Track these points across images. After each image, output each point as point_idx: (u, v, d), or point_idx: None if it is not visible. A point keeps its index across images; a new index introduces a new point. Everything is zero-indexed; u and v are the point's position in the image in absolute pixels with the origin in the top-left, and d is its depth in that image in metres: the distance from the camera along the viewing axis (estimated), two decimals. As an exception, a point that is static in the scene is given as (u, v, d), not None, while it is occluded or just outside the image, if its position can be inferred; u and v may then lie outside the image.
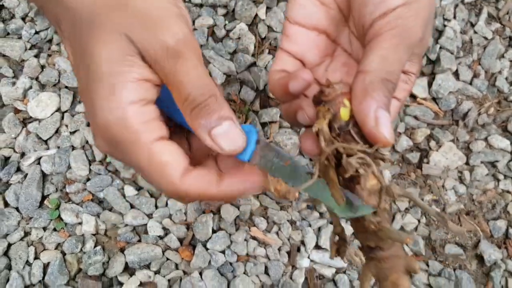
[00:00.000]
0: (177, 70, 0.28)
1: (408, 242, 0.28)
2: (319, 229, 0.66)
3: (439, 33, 0.74)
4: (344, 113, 0.31)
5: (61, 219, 0.63)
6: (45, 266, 0.62)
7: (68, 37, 0.30)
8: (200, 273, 0.63)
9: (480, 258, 0.68)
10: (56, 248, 0.63)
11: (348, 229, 0.60)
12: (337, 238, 0.35)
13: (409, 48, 0.32)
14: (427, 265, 0.67)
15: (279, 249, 0.65)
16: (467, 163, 0.71)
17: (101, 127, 0.28)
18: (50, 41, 0.69)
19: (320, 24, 0.37)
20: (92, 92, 0.28)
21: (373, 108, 0.30)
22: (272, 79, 0.37)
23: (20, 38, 0.68)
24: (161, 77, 0.29)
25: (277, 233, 0.66)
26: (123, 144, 0.28)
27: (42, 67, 0.68)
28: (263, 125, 0.68)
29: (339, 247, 0.34)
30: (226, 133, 0.29)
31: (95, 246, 0.63)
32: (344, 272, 0.66)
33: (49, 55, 0.68)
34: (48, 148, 0.65)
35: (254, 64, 0.70)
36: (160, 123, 0.29)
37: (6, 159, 0.65)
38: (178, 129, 0.34)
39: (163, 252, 0.63)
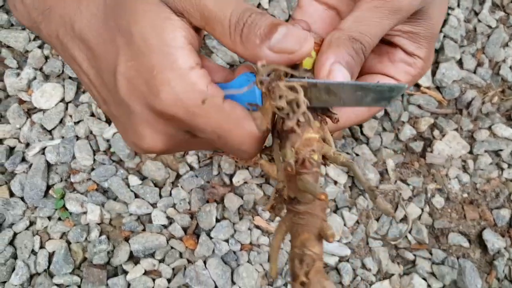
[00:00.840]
0: (213, 4, 0.27)
1: (321, 198, 0.25)
2: (323, 218, 0.67)
3: (443, 21, 0.74)
4: (307, 62, 0.31)
5: (66, 209, 0.64)
6: (50, 255, 0.63)
7: (84, 16, 0.29)
8: (204, 262, 0.64)
9: (483, 247, 0.68)
10: (61, 237, 0.64)
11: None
12: (276, 195, 0.33)
13: (394, 13, 0.31)
14: (431, 253, 0.67)
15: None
16: (470, 152, 0.71)
17: (166, 97, 0.27)
18: (53, 32, 0.70)
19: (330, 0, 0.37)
20: (148, 69, 0.27)
21: (330, 61, 0.30)
22: None
23: (24, 29, 0.69)
24: (195, 23, 0.28)
25: (280, 222, 0.66)
26: (192, 109, 0.27)
27: (46, 58, 0.68)
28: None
29: (276, 204, 0.33)
30: (286, 36, 0.27)
31: (100, 235, 0.64)
32: (347, 261, 0.66)
33: (53, 46, 0.69)
34: (52, 138, 0.66)
35: (257, 53, 0.69)
36: (213, 83, 0.29)
37: (11, 149, 0.66)
38: None
39: (168, 241, 0.64)
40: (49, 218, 0.64)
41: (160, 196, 0.65)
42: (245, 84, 0.28)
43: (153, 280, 0.63)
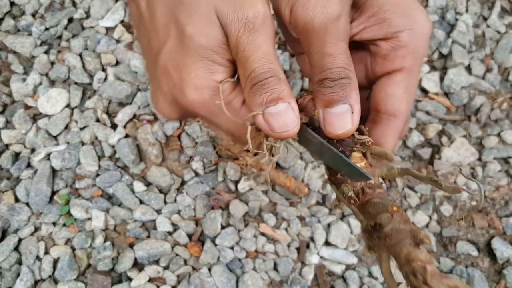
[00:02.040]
0: (248, 45, 0.30)
1: (394, 210, 0.29)
2: (329, 225, 0.66)
3: (451, 27, 0.73)
4: None
5: (71, 215, 0.64)
6: (55, 261, 0.63)
7: None
8: (209, 269, 0.63)
9: (492, 256, 0.67)
10: (66, 243, 0.64)
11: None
12: (366, 235, 0.34)
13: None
14: (439, 262, 0.66)
15: (288, 246, 0.65)
16: (479, 159, 0.70)
17: (191, 96, 0.31)
18: (59, 37, 0.70)
19: None
20: (189, 64, 0.31)
21: (321, 113, 0.32)
22: None
23: (30, 34, 0.69)
24: (234, 53, 0.31)
25: (286, 229, 0.65)
26: (211, 109, 0.32)
27: (52, 63, 0.68)
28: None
29: (371, 244, 0.34)
30: (279, 114, 0.29)
31: (104, 242, 0.63)
32: (354, 269, 0.65)
33: (59, 52, 0.69)
34: (58, 144, 0.66)
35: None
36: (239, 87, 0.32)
37: (17, 154, 0.66)
38: None
39: (172, 247, 0.63)
40: (54, 224, 0.64)
41: (165, 203, 0.65)
42: None
43: (158, 287, 0.62)
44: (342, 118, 0.31)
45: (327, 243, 0.66)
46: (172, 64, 0.31)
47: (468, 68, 0.72)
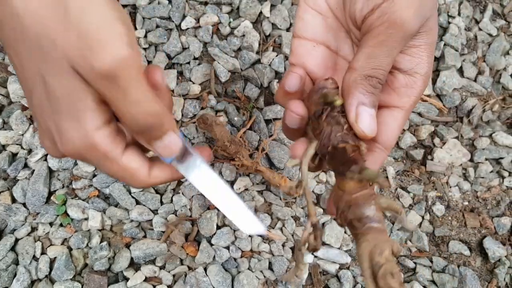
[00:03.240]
0: (113, 97, 0.28)
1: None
2: (323, 225, 0.67)
3: (443, 30, 0.74)
4: (338, 102, 0.34)
5: (68, 215, 0.64)
6: (52, 261, 0.63)
7: (13, 46, 0.30)
8: (205, 269, 0.64)
9: (484, 255, 0.68)
10: (62, 244, 0.64)
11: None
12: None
13: (400, 41, 0.33)
14: (431, 261, 0.67)
15: (283, 245, 0.66)
16: (471, 160, 0.71)
17: (69, 150, 0.30)
18: (56, 39, 0.70)
19: (317, 35, 0.39)
20: (58, 119, 0.29)
21: (354, 105, 0.33)
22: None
23: (27, 36, 0.69)
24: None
25: (281, 229, 0.66)
26: (93, 161, 0.31)
27: (49, 64, 0.68)
28: (267, 122, 0.68)
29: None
30: (169, 143, 0.32)
31: (101, 242, 0.64)
32: (348, 268, 0.66)
33: (56, 53, 0.69)
34: (54, 145, 0.66)
35: (258, 61, 0.70)
36: (121, 134, 0.32)
37: (14, 155, 0.66)
38: None
39: (168, 247, 0.64)
40: (51, 224, 0.64)
41: (161, 203, 0.66)
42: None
43: (154, 286, 0.63)
44: (373, 121, 0.33)
45: (321, 243, 0.66)
46: (42, 111, 0.30)
47: (460, 71, 0.73)
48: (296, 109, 0.36)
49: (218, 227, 0.65)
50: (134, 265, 0.64)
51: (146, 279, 0.63)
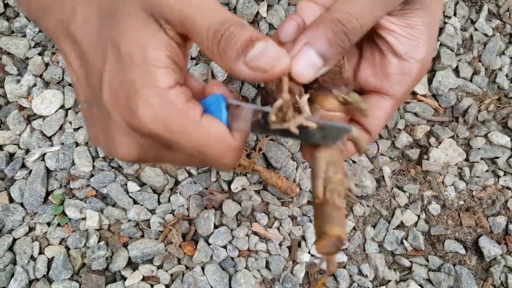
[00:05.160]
0: (190, 9, 0.26)
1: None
2: (320, 224, 0.67)
3: (439, 30, 0.75)
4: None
5: (65, 215, 0.64)
6: (50, 261, 0.63)
7: (81, 19, 0.30)
8: (202, 268, 0.64)
9: (480, 254, 0.69)
10: (60, 243, 0.64)
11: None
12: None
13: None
14: (427, 260, 0.68)
15: (280, 244, 0.66)
16: (467, 160, 0.71)
17: (147, 120, 0.27)
18: (53, 39, 0.70)
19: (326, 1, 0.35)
20: (129, 80, 0.27)
21: (302, 42, 0.29)
22: None
23: (24, 36, 0.69)
24: (178, 30, 0.28)
25: (278, 229, 0.66)
26: (172, 126, 0.27)
27: (46, 64, 0.69)
28: (264, 121, 0.69)
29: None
30: (263, 53, 0.26)
31: (98, 241, 0.64)
32: (344, 267, 0.67)
33: (53, 53, 0.69)
34: (52, 145, 0.66)
35: (255, 61, 0.70)
36: (194, 99, 0.29)
37: (11, 155, 0.66)
38: None
39: (166, 247, 0.64)
40: (49, 224, 0.65)
41: (159, 203, 0.66)
42: (215, 105, 0.30)
43: (151, 286, 0.63)
44: (309, 69, 0.30)
45: (318, 242, 0.67)
46: (116, 83, 0.28)
47: (456, 71, 0.74)
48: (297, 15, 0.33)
49: (216, 227, 0.65)
50: (131, 264, 0.64)
51: (144, 279, 0.63)
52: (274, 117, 0.28)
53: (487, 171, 0.71)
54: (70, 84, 0.68)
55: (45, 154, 0.66)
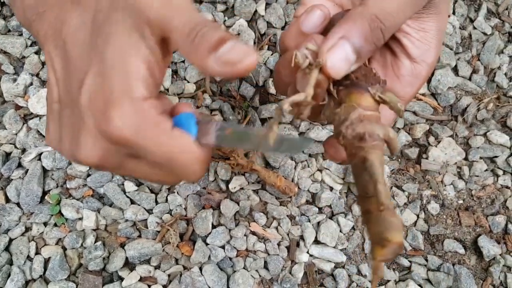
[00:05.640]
0: (170, 11, 0.28)
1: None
2: (318, 224, 0.67)
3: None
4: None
5: (62, 215, 0.64)
6: (46, 261, 0.63)
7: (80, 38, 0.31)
8: (200, 268, 0.64)
9: (479, 253, 0.68)
10: (56, 243, 0.64)
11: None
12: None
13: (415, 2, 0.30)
14: (426, 260, 0.67)
15: (279, 244, 0.66)
16: (466, 159, 0.71)
17: (120, 125, 0.27)
18: (50, 38, 0.70)
19: None
20: (109, 91, 0.28)
21: (338, 35, 0.29)
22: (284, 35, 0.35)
23: (21, 35, 0.69)
24: (160, 32, 0.29)
25: (276, 228, 0.66)
26: (142, 133, 0.28)
27: (43, 63, 0.68)
28: (263, 120, 0.68)
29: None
30: (233, 49, 0.27)
31: (95, 241, 0.64)
32: (343, 267, 0.66)
33: (50, 52, 0.69)
34: (48, 144, 0.66)
35: (253, 60, 0.70)
36: (166, 114, 0.30)
37: (7, 155, 0.66)
38: None
39: (163, 247, 0.64)
40: (45, 224, 0.64)
41: (156, 202, 0.65)
42: (185, 121, 0.31)
43: (149, 286, 0.63)
44: (343, 63, 0.30)
45: (316, 242, 0.67)
46: (96, 88, 0.28)
47: (455, 69, 0.73)
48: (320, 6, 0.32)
49: (214, 227, 0.65)
50: (129, 264, 0.64)
51: (141, 279, 0.63)
52: (287, 106, 0.28)
53: (486, 170, 0.71)
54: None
55: (41, 153, 0.65)
